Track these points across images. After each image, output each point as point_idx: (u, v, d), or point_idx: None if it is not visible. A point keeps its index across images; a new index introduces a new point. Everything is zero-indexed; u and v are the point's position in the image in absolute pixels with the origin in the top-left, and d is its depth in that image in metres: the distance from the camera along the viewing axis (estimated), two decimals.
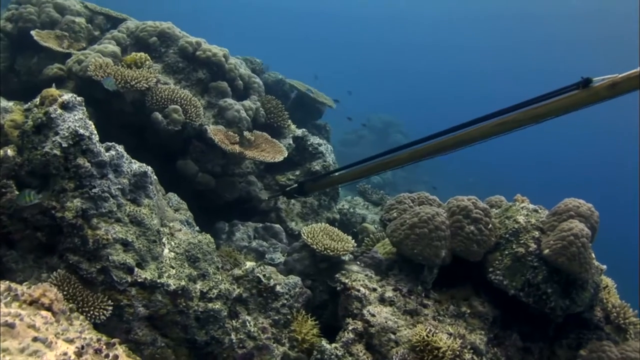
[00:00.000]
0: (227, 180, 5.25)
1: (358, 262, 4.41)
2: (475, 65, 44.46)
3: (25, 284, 2.37)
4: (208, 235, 3.86)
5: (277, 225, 5.35)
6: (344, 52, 45.31)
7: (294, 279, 4.08)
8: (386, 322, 3.32)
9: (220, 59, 5.35)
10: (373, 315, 3.33)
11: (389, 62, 45.48)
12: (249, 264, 3.94)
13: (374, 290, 3.55)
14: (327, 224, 4.69)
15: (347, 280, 3.56)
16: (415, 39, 47.39)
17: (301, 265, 4.44)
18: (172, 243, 3.73)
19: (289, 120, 6.25)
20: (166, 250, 3.64)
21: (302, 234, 4.40)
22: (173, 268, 3.54)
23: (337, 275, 3.70)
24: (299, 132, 6.01)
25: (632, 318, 4.05)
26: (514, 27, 42.33)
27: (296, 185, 4.58)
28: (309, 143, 5.92)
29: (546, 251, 3.64)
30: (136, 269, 3.33)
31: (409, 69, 45.41)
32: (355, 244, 4.55)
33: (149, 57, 4.87)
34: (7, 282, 2.12)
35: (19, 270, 3.23)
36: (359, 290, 3.47)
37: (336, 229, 4.69)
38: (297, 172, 5.78)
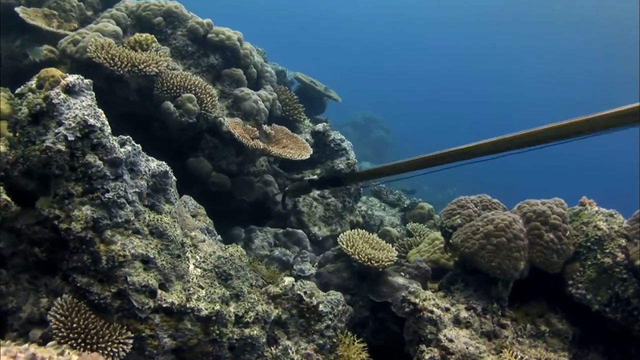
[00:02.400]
0: (243, 180, 4.61)
1: (402, 273, 3.85)
2: (465, 67, 44.64)
3: (51, 343, 1.64)
4: (239, 247, 3.24)
5: (300, 231, 4.72)
6: (327, 50, 44.86)
7: (336, 295, 3.49)
8: (467, 347, 2.76)
9: (235, 42, 4.69)
10: (451, 341, 2.76)
11: (371, 61, 45.27)
12: (287, 280, 3.33)
13: (447, 310, 2.98)
14: (364, 230, 4.10)
15: (417, 300, 2.98)
16: (399, 39, 47.23)
17: (338, 277, 3.85)
18: (197, 257, 3.09)
19: (304, 114, 5.65)
20: (191, 266, 3.00)
21: (340, 242, 3.82)
22: (202, 288, 2.91)
23: (403, 294, 3.12)
24: (320, 126, 5.37)
25: None
26: (498, 29, 42.30)
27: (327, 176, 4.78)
28: (330, 139, 5.29)
29: (638, 262, 3.14)
30: (159, 292, 2.69)
31: (391, 67, 45.25)
32: (397, 253, 3.99)
33: (155, 39, 4.19)
34: (31, 348, 1.37)
35: (11, 294, 2.56)
36: (432, 312, 2.89)
37: (373, 235, 4.11)
38: (318, 171, 5.15)
